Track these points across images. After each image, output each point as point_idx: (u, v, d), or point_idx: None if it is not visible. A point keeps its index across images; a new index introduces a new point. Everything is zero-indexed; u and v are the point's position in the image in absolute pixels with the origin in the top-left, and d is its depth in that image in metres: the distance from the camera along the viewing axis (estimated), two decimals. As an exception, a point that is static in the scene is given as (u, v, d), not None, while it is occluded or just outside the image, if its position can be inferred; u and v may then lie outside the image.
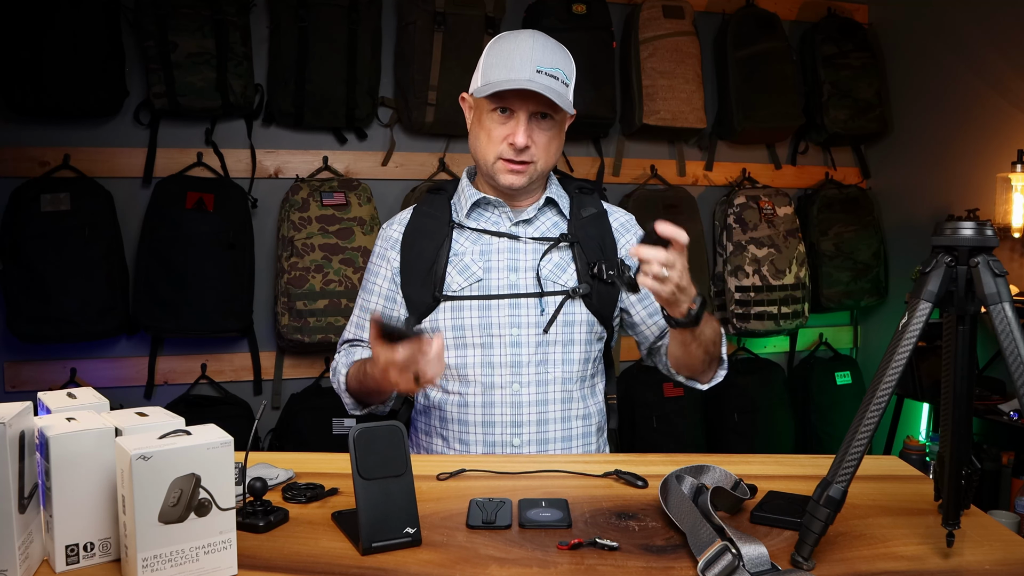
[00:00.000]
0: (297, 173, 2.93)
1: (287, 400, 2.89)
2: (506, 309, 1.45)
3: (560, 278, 1.47)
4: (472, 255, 1.47)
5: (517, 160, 1.42)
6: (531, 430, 1.45)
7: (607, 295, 1.50)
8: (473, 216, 1.51)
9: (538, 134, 1.42)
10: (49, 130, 2.67)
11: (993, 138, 3.04)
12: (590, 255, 1.49)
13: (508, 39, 1.42)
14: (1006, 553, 0.99)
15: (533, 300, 1.45)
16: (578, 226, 1.51)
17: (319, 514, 1.09)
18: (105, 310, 2.58)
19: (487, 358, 1.45)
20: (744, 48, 3.27)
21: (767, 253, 3.24)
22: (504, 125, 1.41)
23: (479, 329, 1.44)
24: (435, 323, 1.45)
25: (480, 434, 1.45)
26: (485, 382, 1.45)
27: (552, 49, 1.41)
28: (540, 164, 1.44)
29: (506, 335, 1.44)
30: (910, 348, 0.92)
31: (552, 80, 1.37)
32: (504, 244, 1.48)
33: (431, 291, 1.46)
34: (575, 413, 1.49)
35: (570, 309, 1.46)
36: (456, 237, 1.50)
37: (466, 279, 1.46)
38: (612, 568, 0.94)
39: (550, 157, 1.45)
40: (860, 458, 0.92)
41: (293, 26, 2.73)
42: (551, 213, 1.53)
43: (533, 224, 1.51)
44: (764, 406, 3.28)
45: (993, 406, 2.77)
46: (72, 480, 0.89)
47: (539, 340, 1.45)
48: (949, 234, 0.93)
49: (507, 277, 1.46)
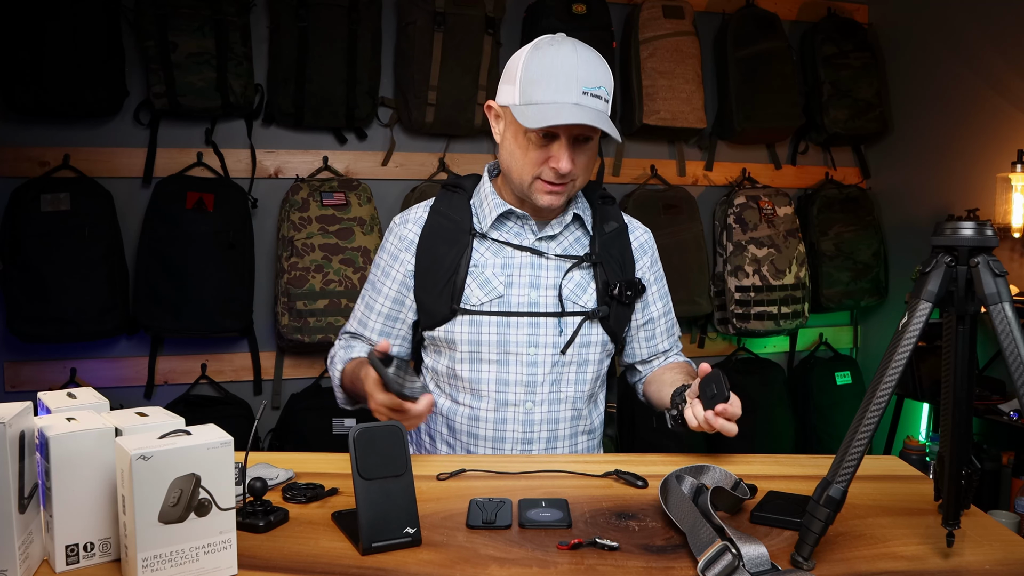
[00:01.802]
0: (297, 173, 2.93)
1: (287, 400, 2.89)
2: (524, 327, 1.42)
3: (580, 298, 1.44)
4: (494, 269, 1.43)
5: (557, 183, 1.36)
6: (540, 447, 1.45)
7: (623, 315, 1.48)
8: (495, 226, 1.45)
9: (579, 156, 1.36)
10: (49, 130, 2.67)
11: (993, 138, 3.04)
12: (611, 275, 1.45)
13: (549, 53, 1.32)
14: (1006, 553, 0.99)
15: (552, 320, 1.42)
16: (601, 244, 1.47)
17: (319, 514, 1.09)
18: (105, 310, 2.58)
19: (502, 375, 1.43)
20: (744, 48, 3.27)
21: (767, 253, 3.24)
22: (545, 148, 1.34)
23: (496, 346, 1.42)
24: (451, 335, 1.42)
25: (490, 448, 1.45)
26: (499, 399, 1.43)
27: (595, 63, 1.33)
28: (579, 183, 1.40)
29: (523, 353, 1.42)
30: (910, 348, 0.92)
31: (597, 101, 1.31)
32: (527, 259, 1.44)
33: (448, 302, 1.42)
34: (582, 428, 1.49)
35: (587, 330, 1.44)
36: (477, 247, 1.44)
37: (486, 294, 1.42)
38: (612, 568, 0.94)
39: (588, 176, 1.41)
40: (860, 458, 0.92)
41: (293, 26, 2.73)
42: (575, 228, 1.48)
43: (557, 240, 1.46)
44: (764, 406, 3.27)
45: (993, 406, 2.77)
46: (72, 480, 0.89)
47: (555, 360, 1.43)
48: (949, 234, 0.93)
49: (528, 294, 1.42)
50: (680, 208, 3.22)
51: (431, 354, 1.50)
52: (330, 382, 1.50)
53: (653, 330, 1.56)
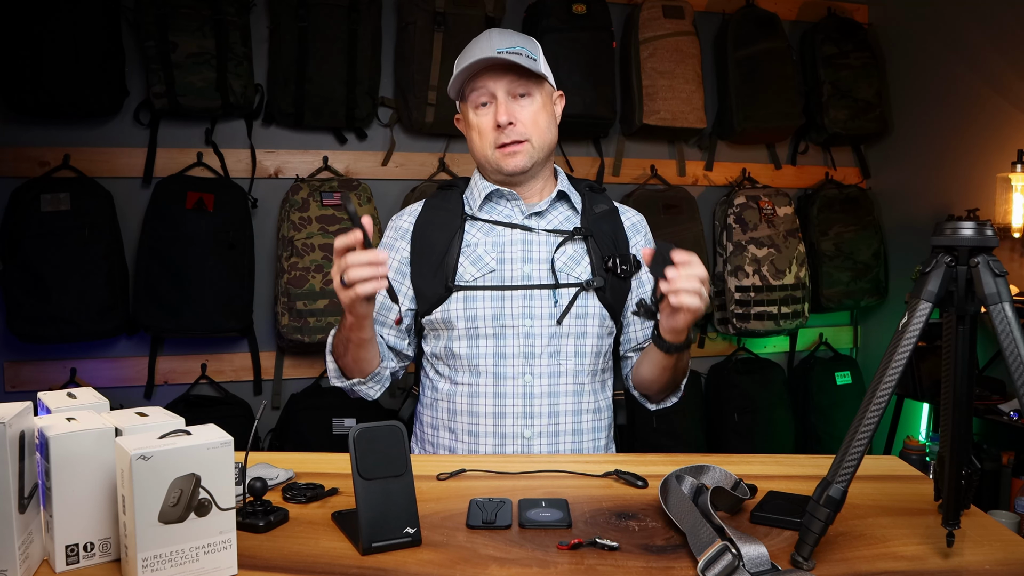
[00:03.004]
0: (297, 173, 2.93)
1: (287, 400, 2.89)
2: (519, 300, 1.45)
3: (574, 270, 1.48)
4: (485, 246, 1.48)
5: (508, 142, 1.44)
6: (542, 422, 1.45)
7: (619, 289, 1.51)
8: (486, 208, 1.52)
9: (519, 111, 1.44)
10: (49, 130, 2.67)
11: (993, 138, 3.04)
12: (604, 249, 1.49)
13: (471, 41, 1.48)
14: (1006, 553, 0.99)
15: (547, 292, 1.45)
16: (591, 220, 1.52)
17: (319, 514, 1.09)
18: (105, 310, 2.58)
19: (499, 349, 1.45)
20: (744, 48, 3.27)
21: (767, 253, 3.24)
22: (487, 115, 1.45)
23: (492, 320, 1.44)
24: (447, 313, 1.45)
25: (491, 425, 1.45)
26: (497, 372, 1.45)
27: (510, 35, 1.46)
28: (535, 140, 1.46)
29: (519, 326, 1.44)
30: (910, 348, 0.92)
31: (515, 56, 1.41)
32: (517, 235, 1.49)
33: (443, 281, 1.46)
34: (586, 407, 1.49)
35: (583, 302, 1.46)
36: (468, 228, 1.50)
37: (479, 269, 1.46)
38: (612, 568, 0.94)
39: (542, 132, 1.47)
40: (860, 458, 0.92)
41: (293, 26, 2.73)
42: (563, 207, 1.54)
43: (546, 217, 1.52)
44: (764, 406, 3.28)
45: (993, 406, 2.77)
46: (72, 480, 0.89)
47: (552, 332, 1.45)
48: (949, 234, 0.93)
49: (521, 268, 1.46)
50: (680, 208, 3.22)
51: (430, 341, 1.52)
52: (330, 382, 1.50)
53: None
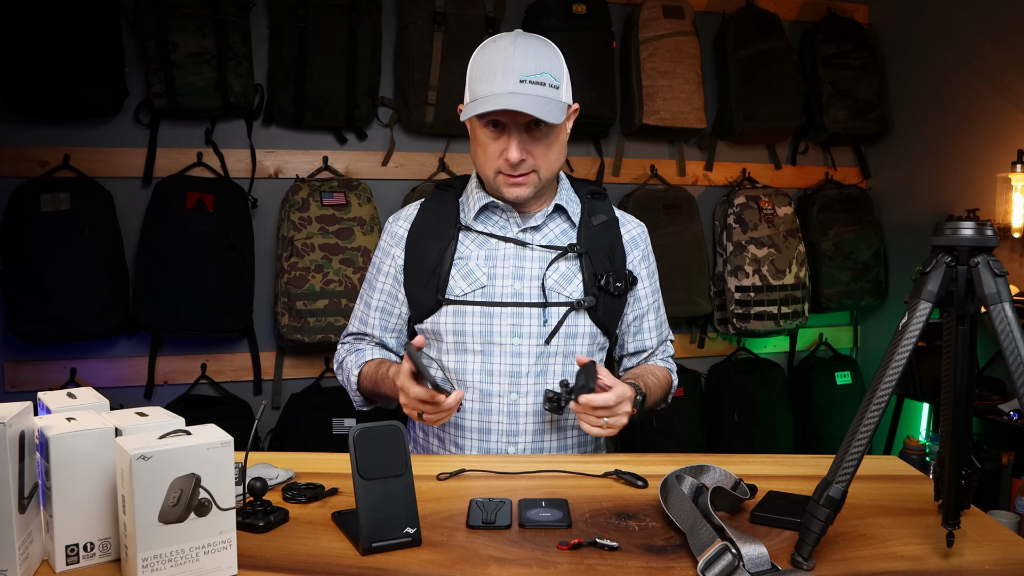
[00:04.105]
0: (297, 173, 2.93)
1: (287, 400, 2.89)
2: (508, 318, 1.43)
3: (566, 289, 1.44)
4: (477, 260, 1.45)
5: (516, 174, 1.38)
6: (527, 439, 1.44)
7: (613, 307, 1.48)
8: (480, 219, 1.48)
9: (533, 145, 1.37)
10: (49, 130, 2.67)
11: (993, 138, 3.04)
12: (598, 266, 1.46)
13: (489, 48, 1.37)
14: (1006, 553, 0.99)
15: (536, 310, 1.43)
16: (588, 235, 1.48)
17: (319, 514, 1.09)
18: (105, 310, 2.58)
19: (486, 365, 1.43)
20: (744, 48, 3.27)
21: (767, 253, 3.24)
22: (497, 141, 1.38)
23: (480, 336, 1.43)
24: (437, 326, 1.44)
25: (476, 440, 1.45)
26: (483, 389, 1.44)
27: (535, 52, 1.35)
28: (543, 172, 1.40)
29: (507, 344, 1.42)
30: (910, 348, 0.92)
31: (537, 87, 1.32)
32: (511, 250, 1.45)
33: (433, 293, 1.44)
34: (572, 423, 1.48)
35: (573, 321, 1.44)
36: (462, 239, 1.47)
37: (470, 284, 1.43)
38: (612, 568, 0.94)
39: (551, 163, 1.41)
40: (860, 458, 0.92)
41: (293, 26, 2.73)
42: (560, 220, 1.49)
43: (541, 231, 1.48)
44: (764, 406, 3.28)
45: (993, 406, 2.77)
46: (72, 480, 0.89)
47: (540, 351, 1.43)
48: (949, 234, 0.93)
49: (511, 285, 1.43)
50: (680, 208, 3.22)
51: None
52: (330, 382, 1.50)
53: (640, 325, 1.56)
